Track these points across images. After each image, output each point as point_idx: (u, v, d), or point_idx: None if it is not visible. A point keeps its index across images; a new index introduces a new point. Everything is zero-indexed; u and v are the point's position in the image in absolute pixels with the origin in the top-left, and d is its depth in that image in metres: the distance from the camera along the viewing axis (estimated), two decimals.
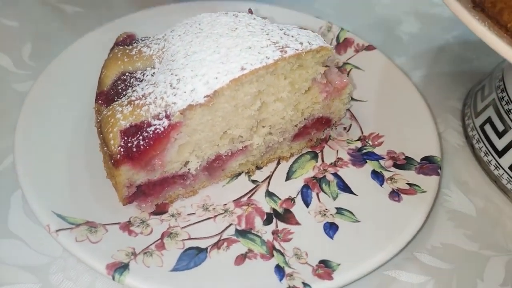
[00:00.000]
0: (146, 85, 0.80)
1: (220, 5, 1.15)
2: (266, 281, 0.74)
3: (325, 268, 0.76)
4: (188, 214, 0.84)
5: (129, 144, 0.74)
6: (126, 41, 0.93)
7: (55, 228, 0.75)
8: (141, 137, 0.74)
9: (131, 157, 0.74)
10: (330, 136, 1.00)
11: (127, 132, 0.75)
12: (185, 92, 0.74)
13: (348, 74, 1.08)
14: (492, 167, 0.98)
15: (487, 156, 1.00)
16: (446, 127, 1.10)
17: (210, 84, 0.74)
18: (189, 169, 0.83)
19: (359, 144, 0.98)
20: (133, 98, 0.78)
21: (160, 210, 0.84)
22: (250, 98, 0.79)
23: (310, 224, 0.84)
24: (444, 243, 0.89)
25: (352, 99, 1.05)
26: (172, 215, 0.84)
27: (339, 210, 0.87)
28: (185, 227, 0.82)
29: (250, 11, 0.92)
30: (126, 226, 0.80)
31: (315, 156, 0.97)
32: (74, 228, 0.76)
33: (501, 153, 0.96)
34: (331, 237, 0.82)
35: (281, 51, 0.77)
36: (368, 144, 0.98)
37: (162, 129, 0.74)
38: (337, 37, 1.14)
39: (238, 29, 0.83)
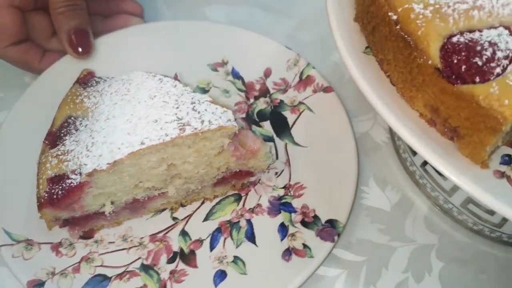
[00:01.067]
0: (73, 140, 1.11)
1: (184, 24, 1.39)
2: None
3: None
4: (109, 242, 1.13)
5: (52, 191, 1.05)
6: (86, 79, 1.26)
7: (0, 243, 1.09)
8: (61, 187, 1.04)
9: (52, 203, 1.05)
10: (260, 179, 1.20)
11: (52, 180, 1.06)
12: (94, 156, 1.02)
13: (299, 116, 1.25)
14: (408, 164, 1.20)
15: (404, 153, 1.20)
16: (374, 123, 1.30)
17: (114, 153, 1.00)
18: (104, 211, 1.12)
19: (282, 192, 1.18)
20: (59, 152, 1.09)
21: (87, 235, 1.15)
22: (155, 163, 1.04)
23: (206, 268, 1.06)
24: (359, 239, 1.14)
25: (294, 142, 1.23)
26: (96, 241, 1.14)
27: (235, 259, 1.07)
28: (102, 254, 1.11)
29: (176, 77, 1.16)
30: (56, 247, 1.12)
31: (238, 199, 1.18)
32: (15, 245, 1.09)
33: (414, 152, 1.15)
34: (216, 285, 1.05)
35: (180, 130, 0.99)
36: (289, 194, 1.17)
37: (76, 183, 1.03)
38: (301, 73, 1.31)
39: (156, 97, 1.07)
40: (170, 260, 1.10)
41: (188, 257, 1.11)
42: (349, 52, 0.90)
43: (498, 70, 0.74)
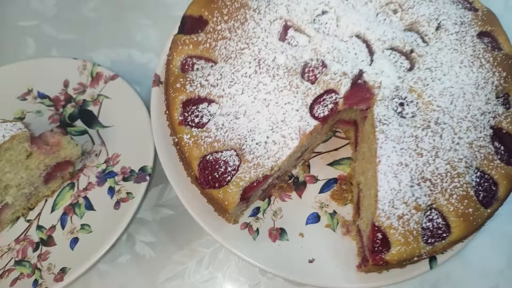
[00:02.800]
0: None
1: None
2: None
3: (61, 273, 1.62)
4: None
5: None
6: None
7: None
8: None
9: None
10: (85, 164, 1.87)
11: None
12: None
13: (101, 105, 1.96)
14: None
15: None
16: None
17: None
18: None
19: (104, 166, 1.85)
20: None
21: None
22: None
23: (63, 242, 1.71)
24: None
25: (103, 126, 1.93)
26: None
27: (82, 226, 1.73)
28: None
29: None
30: None
31: (73, 186, 1.84)
32: None
33: None
34: (72, 249, 1.69)
35: None
36: (110, 165, 1.83)
37: None
38: (91, 73, 1.98)
39: None
40: (35, 249, 1.72)
41: (47, 241, 1.73)
42: (161, 146, 1.70)
43: (228, 178, 1.48)
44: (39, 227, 1.80)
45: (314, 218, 1.77)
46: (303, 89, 1.60)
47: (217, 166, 1.53)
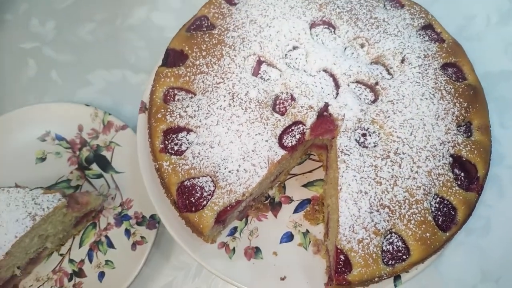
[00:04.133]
0: None
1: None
2: None
3: None
4: (29, 286, 1.70)
5: None
6: None
7: None
8: None
9: None
10: (104, 206, 1.81)
11: None
12: None
13: (113, 151, 1.91)
14: None
15: None
16: None
17: (2, 249, 1.52)
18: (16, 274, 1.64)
19: (119, 209, 1.79)
20: None
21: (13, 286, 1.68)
22: (29, 240, 1.60)
23: (92, 275, 1.70)
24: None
25: (116, 171, 1.88)
26: None
27: (107, 262, 1.70)
28: None
29: (16, 185, 1.71)
30: None
31: (95, 226, 1.80)
32: None
33: None
34: (100, 281, 1.68)
35: (33, 220, 1.56)
36: (124, 208, 1.78)
37: None
38: (103, 121, 1.92)
39: (10, 204, 1.56)
40: (70, 279, 1.71)
41: (79, 273, 1.72)
42: (146, 172, 1.67)
43: (204, 203, 1.45)
44: (71, 261, 1.80)
45: (288, 237, 1.72)
46: (273, 121, 1.55)
47: (193, 192, 1.51)
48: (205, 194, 1.53)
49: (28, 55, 2.23)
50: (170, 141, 1.60)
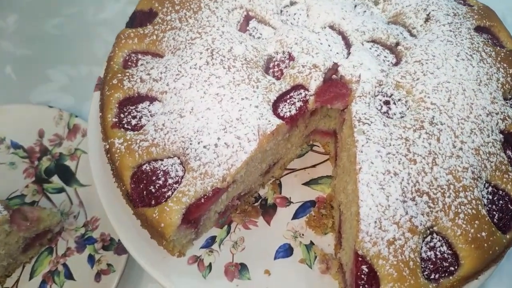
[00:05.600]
0: None
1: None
2: None
3: None
4: None
5: None
6: None
7: None
8: None
9: None
10: (63, 227, 1.40)
11: None
12: None
13: (78, 160, 1.52)
14: None
15: None
16: None
17: None
18: None
19: (83, 230, 1.37)
20: None
21: None
22: None
23: None
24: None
25: (81, 184, 1.49)
26: None
27: None
28: None
29: None
30: None
31: (51, 251, 1.37)
32: None
33: None
34: None
35: None
36: (89, 229, 1.37)
37: None
38: (68, 124, 1.53)
39: None
40: None
41: None
42: (95, 162, 1.22)
43: (169, 193, 0.98)
44: None
45: (286, 251, 1.18)
46: (265, 84, 1.08)
47: (154, 178, 1.01)
48: (170, 181, 1.01)
49: None
50: (126, 113, 1.09)
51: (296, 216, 1.23)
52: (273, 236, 1.20)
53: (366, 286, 0.92)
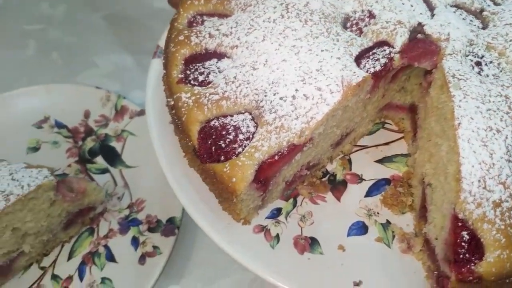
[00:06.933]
0: None
1: None
2: None
3: None
4: None
5: None
6: None
7: None
8: None
9: None
10: (106, 208, 1.25)
11: None
12: None
13: (125, 142, 1.36)
14: None
15: None
16: None
17: None
18: None
19: (127, 212, 1.23)
20: None
21: None
22: (6, 240, 1.10)
23: None
24: (208, 270, 1.22)
25: (127, 166, 1.32)
26: None
27: (103, 280, 1.14)
28: None
29: None
30: None
31: (92, 232, 1.23)
32: None
33: None
34: None
35: (6, 200, 1.06)
36: (134, 211, 1.25)
37: None
38: (115, 106, 1.39)
39: None
40: None
41: None
42: (156, 124, 1.04)
43: (239, 150, 0.83)
44: (54, 277, 1.19)
45: (359, 229, 0.97)
46: (346, 38, 0.91)
47: (224, 133, 0.84)
48: (241, 136, 0.84)
49: (30, 36, 1.72)
50: (193, 70, 0.92)
51: (369, 194, 1.03)
52: (344, 213, 1.01)
53: (467, 255, 0.74)
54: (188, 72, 0.91)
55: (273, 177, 0.86)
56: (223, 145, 0.83)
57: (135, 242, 1.20)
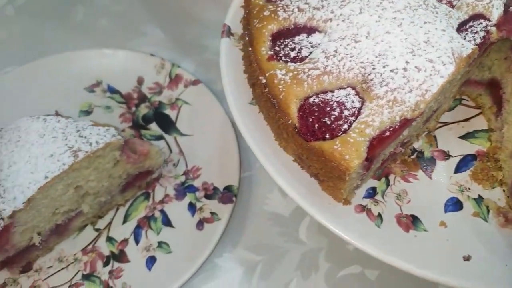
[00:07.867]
0: None
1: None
2: None
3: None
4: (48, 267, 1.09)
5: None
6: None
7: None
8: None
9: None
10: (162, 173, 1.22)
11: None
12: (9, 200, 1.00)
13: (179, 110, 1.29)
14: None
15: None
16: None
17: (25, 193, 0.99)
18: (34, 242, 1.10)
19: (183, 178, 1.19)
20: None
21: (27, 268, 1.12)
22: (62, 190, 1.04)
23: (137, 260, 1.09)
24: (259, 241, 1.14)
25: (181, 134, 1.25)
26: (36, 271, 1.11)
27: (160, 244, 1.09)
28: (45, 279, 1.10)
29: (56, 113, 1.20)
30: (2, 287, 1.10)
31: (147, 197, 1.17)
32: None
33: None
34: (149, 269, 1.07)
35: (74, 156, 1.01)
36: (189, 178, 1.19)
37: (1, 228, 1.02)
38: (170, 74, 1.30)
39: (45, 135, 1.05)
40: (105, 264, 1.11)
41: (119, 256, 1.11)
42: (237, 105, 0.92)
43: (345, 126, 0.75)
44: (110, 239, 1.15)
45: (455, 204, 0.91)
46: (443, 10, 0.83)
47: (328, 109, 0.76)
48: (346, 113, 0.76)
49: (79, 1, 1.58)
50: (282, 46, 0.84)
51: (458, 170, 0.97)
52: (437, 190, 0.94)
53: None
54: (277, 48, 0.82)
55: (379, 154, 0.78)
56: (328, 122, 0.75)
57: (192, 208, 1.14)
